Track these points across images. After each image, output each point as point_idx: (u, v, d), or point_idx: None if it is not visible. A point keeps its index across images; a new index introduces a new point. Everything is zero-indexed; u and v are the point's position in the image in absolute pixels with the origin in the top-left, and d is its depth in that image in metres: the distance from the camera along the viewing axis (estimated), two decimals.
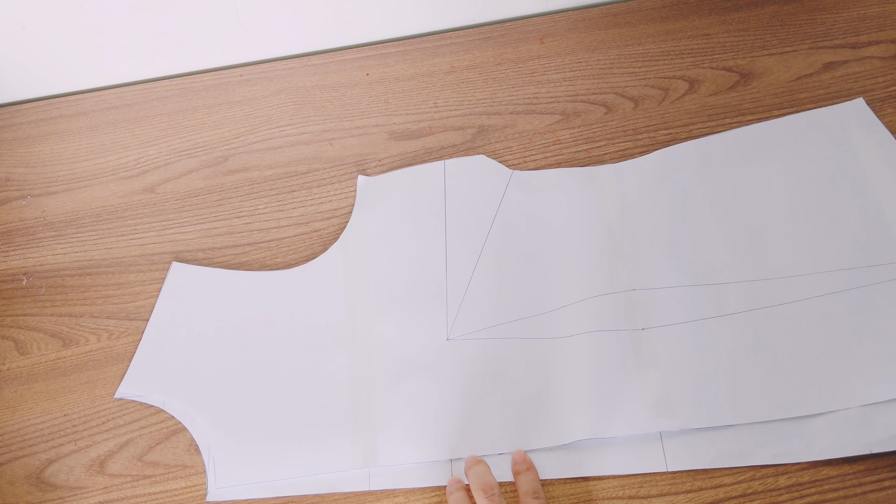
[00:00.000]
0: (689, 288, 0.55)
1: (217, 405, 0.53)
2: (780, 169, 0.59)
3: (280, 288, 0.57)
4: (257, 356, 0.54)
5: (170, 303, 0.57)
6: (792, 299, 0.54)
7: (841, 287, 0.54)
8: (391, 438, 0.51)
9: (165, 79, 0.67)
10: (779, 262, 0.55)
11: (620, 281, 0.55)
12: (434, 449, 0.51)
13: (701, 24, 0.68)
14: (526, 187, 0.60)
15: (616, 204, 0.59)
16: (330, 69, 0.67)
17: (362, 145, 0.63)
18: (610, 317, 0.54)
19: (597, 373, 0.52)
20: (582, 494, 0.50)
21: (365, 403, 0.52)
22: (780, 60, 0.66)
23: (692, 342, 0.53)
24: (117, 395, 0.53)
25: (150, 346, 0.55)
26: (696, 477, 0.50)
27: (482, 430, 0.51)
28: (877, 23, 0.67)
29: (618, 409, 0.51)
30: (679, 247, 0.57)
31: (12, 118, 0.66)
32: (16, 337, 0.56)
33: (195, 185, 0.62)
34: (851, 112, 0.61)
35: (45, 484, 0.51)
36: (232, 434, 0.52)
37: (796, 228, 0.57)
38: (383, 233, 0.58)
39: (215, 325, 0.56)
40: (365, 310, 0.56)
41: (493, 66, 0.67)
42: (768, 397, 0.51)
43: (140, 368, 0.54)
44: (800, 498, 0.49)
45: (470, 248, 0.57)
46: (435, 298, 0.56)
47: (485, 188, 0.60)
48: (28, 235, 0.60)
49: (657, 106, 0.64)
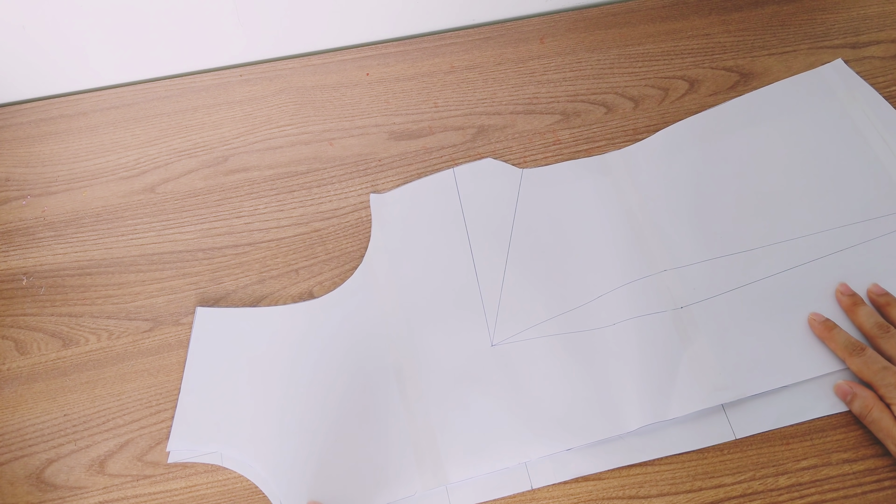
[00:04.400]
0: (717, 259, 0.56)
1: (271, 449, 0.51)
2: (778, 132, 0.61)
3: (311, 318, 0.55)
4: (301, 392, 0.53)
5: (201, 349, 0.55)
6: (815, 256, 0.56)
7: (856, 240, 0.56)
8: (455, 453, 0.50)
9: (165, 79, 0.67)
10: (795, 223, 0.57)
11: (651, 263, 0.56)
12: (501, 456, 0.50)
13: (701, 24, 0.68)
14: (539, 184, 0.60)
15: (630, 188, 0.59)
16: (330, 69, 0.67)
17: (362, 145, 0.63)
18: (648, 300, 0.55)
19: (646, 357, 0.53)
20: (582, 494, 0.50)
21: (421, 423, 0.52)
22: (780, 60, 0.66)
23: (732, 311, 0.54)
24: (171, 460, 0.51)
25: (190, 396, 0.53)
26: (696, 477, 0.50)
27: (543, 430, 0.51)
28: (877, 23, 0.67)
29: (673, 391, 0.51)
30: (699, 220, 0.58)
31: (12, 118, 0.66)
32: (16, 337, 0.56)
33: (195, 185, 0.62)
34: (833, 72, 0.64)
35: (45, 484, 0.51)
36: (293, 477, 0.50)
37: (804, 188, 0.59)
38: (406, 248, 0.58)
39: (251, 366, 0.54)
40: (403, 327, 0.55)
41: (493, 66, 0.67)
42: (814, 353, 0.53)
43: (184, 422, 0.52)
44: (800, 498, 0.49)
45: (496, 251, 0.57)
46: (471, 306, 0.55)
47: (499, 190, 0.60)
48: (28, 235, 0.60)
49: (657, 106, 0.64)
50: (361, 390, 0.53)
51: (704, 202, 0.59)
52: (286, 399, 0.53)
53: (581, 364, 0.53)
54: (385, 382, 0.53)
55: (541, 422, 0.51)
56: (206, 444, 0.52)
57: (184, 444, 0.52)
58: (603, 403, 0.52)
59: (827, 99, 0.63)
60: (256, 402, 0.53)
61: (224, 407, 0.53)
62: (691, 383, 0.52)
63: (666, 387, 0.52)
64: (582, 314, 0.55)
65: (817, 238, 0.57)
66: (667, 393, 0.51)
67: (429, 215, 0.59)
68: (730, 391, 0.51)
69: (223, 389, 0.53)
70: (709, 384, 0.52)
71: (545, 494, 0.50)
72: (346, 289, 0.57)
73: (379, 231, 0.59)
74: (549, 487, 0.50)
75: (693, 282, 0.55)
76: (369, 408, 0.52)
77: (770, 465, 0.50)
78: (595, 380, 0.52)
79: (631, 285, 0.55)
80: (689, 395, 0.51)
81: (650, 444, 0.51)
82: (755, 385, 0.52)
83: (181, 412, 0.53)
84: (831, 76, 0.64)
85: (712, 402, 0.51)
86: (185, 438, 0.52)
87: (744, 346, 0.53)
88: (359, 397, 0.52)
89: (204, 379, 0.54)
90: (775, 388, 0.52)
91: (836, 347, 0.52)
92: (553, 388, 0.52)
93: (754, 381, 0.52)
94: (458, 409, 0.52)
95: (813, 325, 0.53)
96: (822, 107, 0.62)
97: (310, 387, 0.53)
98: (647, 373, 0.52)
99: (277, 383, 0.53)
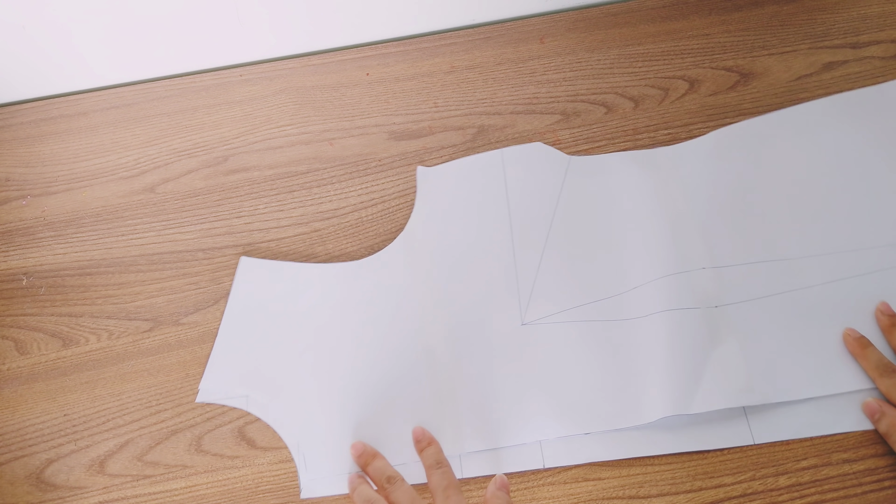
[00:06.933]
0: (758, 264, 0.56)
1: (298, 399, 0.53)
2: (835, 144, 0.61)
3: (350, 279, 0.57)
4: (333, 347, 0.55)
5: (241, 298, 0.57)
6: (858, 272, 0.55)
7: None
8: (474, 424, 0.52)
9: (165, 79, 0.67)
10: (841, 236, 0.57)
11: (690, 259, 0.56)
12: (518, 431, 0.51)
13: (701, 24, 0.68)
14: (585, 172, 0.60)
15: (677, 184, 0.59)
16: (330, 69, 0.67)
17: (362, 145, 0.63)
18: (683, 296, 0.54)
19: (674, 352, 0.53)
20: (582, 494, 0.50)
21: (445, 391, 0.53)
22: (780, 60, 0.66)
23: (766, 317, 0.54)
24: (199, 399, 0.53)
25: (226, 341, 0.55)
26: (696, 477, 0.50)
27: (566, 412, 0.52)
28: (877, 23, 0.67)
29: (698, 387, 0.51)
30: (744, 223, 0.58)
31: (12, 118, 0.66)
32: (16, 337, 0.56)
33: (195, 185, 0.62)
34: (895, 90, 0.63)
35: (45, 484, 0.51)
36: (316, 427, 0.52)
37: (855, 202, 0.58)
38: (448, 222, 0.59)
39: (288, 318, 0.56)
40: (436, 299, 0.56)
41: (493, 66, 0.67)
42: (845, 368, 0.52)
43: (218, 365, 0.54)
44: (800, 498, 0.49)
45: (536, 233, 0.58)
46: (505, 285, 0.56)
47: (544, 174, 0.60)
48: (28, 235, 0.60)
49: (657, 106, 0.64)
50: (389, 354, 0.54)
51: (751, 205, 0.58)
52: (316, 354, 0.54)
53: (608, 351, 0.53)
54: (413, 350, 0.54)
55: (561, 403, 0.52)
56: (235, 388, 0.54)
57: (215, 384, 0.54)
58: (625, 392, 0.52)
59: (889, 116, 0.62)
60: (288, 353, 0.55)
61: (256, 354, 0.55)
62: (717, 382, 0.51)
63: (691, 382, 0.51)
64: (615, 303, 0.55)
65: (862, 254, 0.56)
66: (691, 388, 0.51)
67: (472, 193, 0.60)
68: (755, 394, 0.51)
69: (257, 338, 0.55)
70: (735, 385, 0.51)
71: (545, 494, 0.50)
72: (385, 255, 0.58)
73: (422, 204, 0.60)
74: (550, 487, 0.50)
75: (730, 283, 0.55)
76: (395, 372, 0.54)
77: (770, 465, 0.50)
78: (620, 368, 0.53)
79: (667, 279, 0.55)
80: (714, 393, 0.51)
81: (667, 438, 0.51)
82: (782, 392, 0.51)
83: (216, 354, 0.55)
84: (893, 93, 0.63)
85: (736, 403, 0.51)
86: (216, 380, 0.54)
87: (775, 352, 0.53)
88: (386, 361, 0.54)
89: (240, 326, 0.56)
90: (801, 399, 0.51)
91: (868, 366, 0.51)
92: (578, 371, 0.53)
93: (781, 388, 0.51)
94: (481, 382, 0.53)
95: (847, 340, 0.53)
96: (883, 123, 0.61)
97: (340, 345, 0.55)
98: (674, 367, 0.52)
99: (310, 338, 0.55)
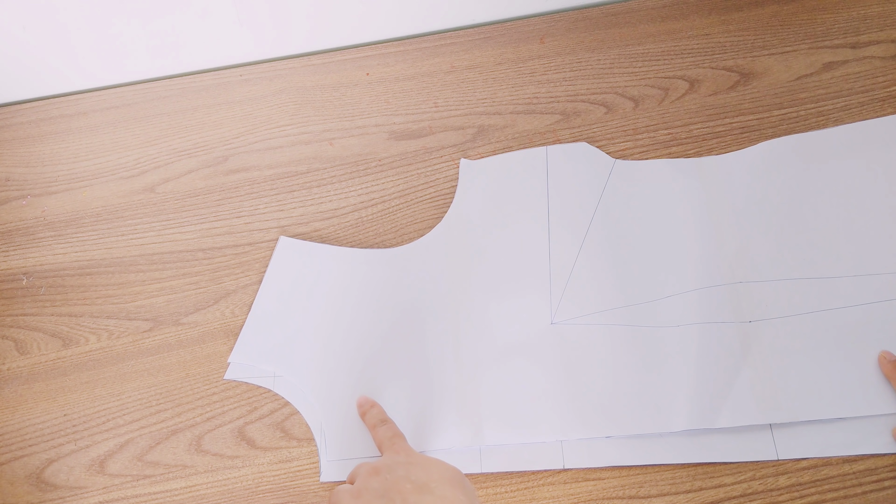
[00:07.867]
0: (797, 280, 0.55)
1: (324, 380, 0.54)
2: (885, 166, 0.59)
3: (386, 265, 0.57)
4: (363, 332, 0.55)
5: (277, 276, 0.57)
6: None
7: None
8: (497, 418, 0.52)
9: (165, 79, 0.67)
10: (883, 259, 0.56)
11: (727, 273, 0.56)
12: (541, 429, 0.51)
13: (701, 24, 0.68)
14: (629, 177, 0.60)
15: (721, 195, 0.59)
16: (330, 69, 0.67)
17: (362, 145, 0.63)
18: (717, 309, 0.54)
19: (704, 364, 0.52)
20: (582, 494, 0.50)
21: (470, 382, 0.53)
22: (780, 60, 0.66)
23: (800, 335, 0.53)
24: (228, 376, 0.54)
25: (259, 317, 0.56)
26: (696, 477, 0.50)
27: (588, 413, 0.52)
28: (877, 23, 0.67)
29: (725, 401, 0.51)
30: (786, 239, 0.57)
31: (12, 118, 0.66)
32: (16, 337, 0.56)
33: (195, 184, 0.62)
34: None
35: (45, 484, 0.51)
36: (340, 410, 0.52)
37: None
38: (486, 215, 0.59)
39: (321, 299, 0.56)
40: (469, 290, 0.56)
41: (493, 66, 0.67)
42: (877, 390, 0.51)
43: (249, 338, 0.55)
44: (800, 498, 0.49)
45: (573, 233, 0.58)
46: (538, 282, 0.56)
47: (587, 175, 0.60)
48: (28, 235, 0.60)
49: (657, 106, 0.64)
50: (418, 343, 0.55)
51: (795, 222, 0.58)
52: (346, 337, 0.55)
53: (637, 357, 0.53)
54: (442, 340, 0.55)
55: (586, 405, 0.52)
56: (263, 364, 0.54)
57: (244, 358, 0.55)
58: (652, 399, 0.52)
59: None
60: (318, 334, 0.55)
61: (287, 333, 0.55)
62: (746, 397, 0.51)
63: (719, 396, 0.51)
64: (647, 310, 0.55)
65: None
66: (719, 402, 0.51)
67: (514, 188, 0.60)
68: (784, 412, 0.51)
69: (290, 317, 0.56)
70: (763, 401, 0.51)
71: (545, 494, 0.50)
72: (423, 243, 0.58)
73: (462, 194, 0.60)
74: (550, 487, 0.50)
75: (766, 298, 0.55)
76: (423, 361, 0.54)
77: (770, 465, 0.50)
78: (648, 375, 0.53)
79: (703, 291, 0.55)
80: (742, 408, 0.51)
81: (689, 447, 0.50)
82: (810, 411, 0.51)
83: (247, 330, 0.55)
84: None
85: (764, 420, 0.50)
86: (246, 355, 0.55)
87: (807, 370, 0.52)
88: (415, 350, 0.54)
89: (274, 304, 0.56)
90: (829, 418, 0.51)
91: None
92: (604, 375, 0.53)
93: (810, 406, 0.51)
94: (507, 378, 0.53)
95: (882, 363, 0.52)
96: None
97: (370, 331, 0.55)
98: (703, 379, 0.52)
99: (341, 321, 0.56)
